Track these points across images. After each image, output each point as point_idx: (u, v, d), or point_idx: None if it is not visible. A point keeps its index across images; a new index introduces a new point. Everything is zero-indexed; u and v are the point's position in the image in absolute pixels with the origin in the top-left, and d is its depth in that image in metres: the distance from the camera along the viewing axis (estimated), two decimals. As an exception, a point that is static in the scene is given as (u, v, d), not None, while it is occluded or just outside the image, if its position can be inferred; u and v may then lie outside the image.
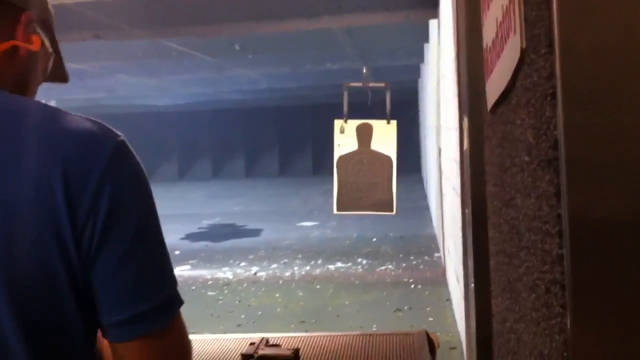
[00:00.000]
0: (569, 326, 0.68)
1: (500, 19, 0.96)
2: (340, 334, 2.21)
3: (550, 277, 0.76)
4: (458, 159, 3.49)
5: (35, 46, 1.03)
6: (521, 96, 0.88)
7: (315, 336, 2.19)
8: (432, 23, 7.36)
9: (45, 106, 0.95)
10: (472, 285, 1.54)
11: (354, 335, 2.19)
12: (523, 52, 0.83)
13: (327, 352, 2.01)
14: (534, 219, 0.84)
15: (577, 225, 0.66)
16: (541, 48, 0.75)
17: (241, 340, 2.09)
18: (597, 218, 0.66)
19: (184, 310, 0.91)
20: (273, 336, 2.19)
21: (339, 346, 2.07)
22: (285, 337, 2.16)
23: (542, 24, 0.74)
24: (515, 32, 0.85)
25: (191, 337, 0.95)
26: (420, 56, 10.47)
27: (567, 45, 0.68)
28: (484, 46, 1.18)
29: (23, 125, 0.89)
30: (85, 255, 0.84)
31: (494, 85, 1.06)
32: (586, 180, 0.66)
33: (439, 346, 2.04)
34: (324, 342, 2.09)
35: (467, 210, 1.61)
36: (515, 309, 1.06)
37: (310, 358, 1.98)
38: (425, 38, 8.65)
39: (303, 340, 2.11)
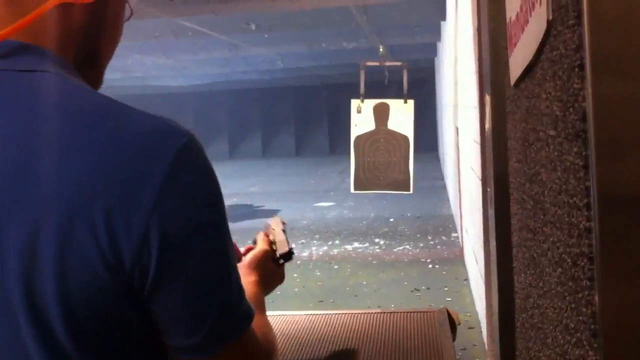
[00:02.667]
0: (596, 298, 0.68)
1: (525, -9, 0.95)
2: (360, 311, 2.22)
3: (577, 250, 0.75)
4: (477, 138, 3.47)
5: None
6: (547, 69, 0.87)
7: (335, 314, 2.19)
8: (449, 0, 7.30)
9: (95, 103, 0.77)
10: (494, 261, 1.54)
11: (374, 313, 2.19)
12: (549, 24, 0.82)
13: (348, 330, 2.02)
14: (559, 192, 0.84)
15: (605, 197, 0.66)
16: (568, 19, 0.75)
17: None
18: (626, 189, 0.65)
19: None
20: (293, 314, 2.20)
21: (360, 324, 2.07)
22: (305, 315, 2.17)
23: (570, -6, 0.73)
24: (540, 4, 0.84)
25: None
26: (437, 34, 10.39)
27: (596, 15, 0.67)
28: (507, 20, 1.17)
29: (57, 132, 0.73)
30: (137, 293, 0.75)
31: (518, 59, 1.05)
32: (615, 152, 0.66)
33: (459, 323, 2.05)
34: (344, 320, 2.09)
35: (489, 189, 1.61)
36: (539, 285, 1.06)
37: (331, 336, 1.98)
38: (442, 16, 8.57)
39: (323, 319, 2.12)
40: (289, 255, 1.31)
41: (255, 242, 1.37)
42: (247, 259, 1.29)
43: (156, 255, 0.73)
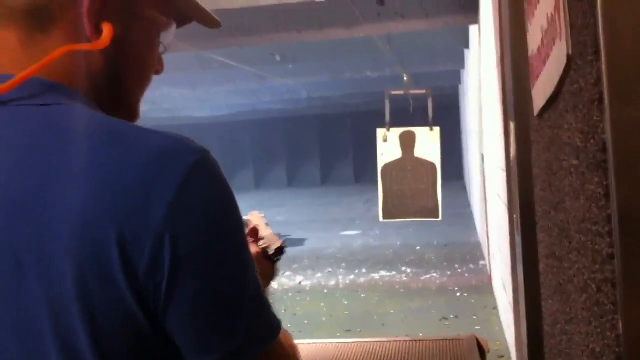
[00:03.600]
0: (620, 323, 0.70)
1: (546, 26, 0.98)
2: (389, 339, 2.22)
3: (601, 276, 0.78)
4: (503, 165, 3.48)
5: (102, 43, 0.80)
6: (568, 101, 0.90)
7: (364, 342, 2.20)
8: (473, 29, 7.35)
9: (100, 128, 0.76)
10: (522, 289, 1.55)
11: (403, 342, 2.20)
12: (570, 59, 0.85)
13: (377, 358, 2.03)
14: (583, 220, 0.86)
15: (626, 224, 0.68)
16: (587, 55, 0.78)
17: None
18: (646, 217, 0.68)
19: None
20: (322, 342, 2.22)
21: (389, 352, 2.08)
22: (334, 344, 2.18)
23: (588, 31, 0.77)
24: (561, 39, 0.87)
25: None
26: (460, 62, 10.44)
27: (613, 51, 0.70)
28: (530, 52, 1.20)
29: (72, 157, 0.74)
30: (152, 308, 0.74)
31: (541, 91, 1.08)
32: (634, 181, 0.69)
33: (488, 351, 2.05)
34: (373, 348, 2.10)
35: (515, 215, 1.63)
36: (566, 311, 1.08)
37: (360, 364, 2.00)
38: (466, 44, 8.63)
39: (353, 347, 2.13)
40: (282, 249, 1.27)
41: None
42: None
43: (167, 274, 0.72)
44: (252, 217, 1.31)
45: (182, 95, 12.02)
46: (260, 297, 0.81)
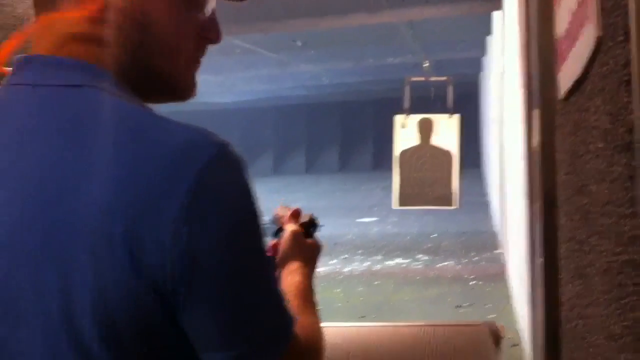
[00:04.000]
0: (643, 303, 0.70)
1: (574, 8, 0.98)
2: (405, 324, 2.23)
3: (624, 258, 0.78)
4: (523, 153, 3.47)
5: (90, 8, 0.78)
6: (596, 83, 0.90)
7: (381, 326, 2.21)
8: (496, 15, 7.29)
9: (121, 122, 0.74)
10: (541, 274, 1.56)
11: (418, 326, 2.20)
12: (599, 40, 0.85)
13: (394, 343, 2.04)
14: (607, 203, 0.86)
15: (652, 206, 0.69)
16: (617, 36, 0.78)
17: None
18: (672, 199, 0.68)
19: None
20: (339, 325, 2.23)
21: (405, 336, 2.09)
22: (350, 328, 2.20)
23: (619, 12, 0.77)
24: (590, 20, 0.87)
25: None
26: (482, 49, 10.37)
27: (644, 32, 0.70)
28: (556, 36, 1.20)
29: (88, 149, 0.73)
30: (169, 302, 0.73)
31: (567, 74, 1.08)
32: (662, 163, 0.69)
33: (503, 337, 2.05)
34: (389, 332, 2.11)
35: (535, 203, 1.63)
36: (585, 295, 1.08)
37: (376, 347, 2.00)
38: (488, 31, 8.56)
39: (369, 331, 2.14)
40: (313, 221, 1.24)
41: (276, 235, 1.26)
42: (281, 252, 1.21)
43: (183, 271, 0.71)
44: (280, 210, 1.30)
45: (204, 81, 11.90)
46: (277, 296, 0.80)
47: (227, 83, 13.05)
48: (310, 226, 1.25)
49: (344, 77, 13.49)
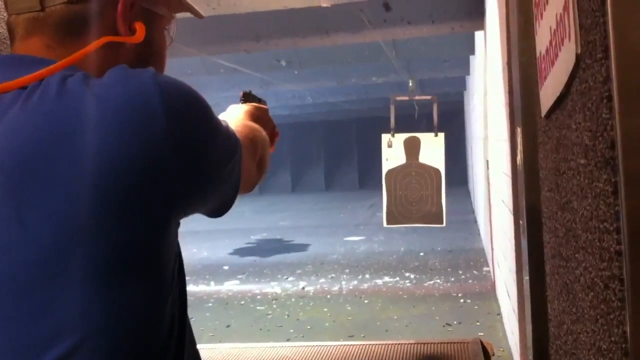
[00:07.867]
0: (627, 318, 0.70)
1: (554, 27, 0.99)
2: (394, 342, 2.22)
3: (608, 273, 0.78)
4: (508, 170, 3.49)
5: (137, 37, 0.92)
6: (577, 101, 0.91)
7: (369, 344, 2.21)
8: (478, 35, 7.36)
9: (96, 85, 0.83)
10: (528, 290, 1.56)
11: (408, 344, 2.20)
12: (578, 58, 0.86)
13: (381, 360, 2.03)
14: (590, 219, 0.87)
15: (634, 220, 0.69)
16: (597, 53, 0.79)
17: (293, 348, 2.13)
18: (654, 214, 0.69)
19: (234, 324, 0.95)
20: (327, 344, 2.22)
21: (394, 355, 2.08)
22: (339, 346, 2.19)
23: (597, 30, 0.78)
24: (570, 38, 0.88)
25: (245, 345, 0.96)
26: (466, 68, 10.46)
27: (622, 49, 0.71)
28: (537, 54, 1.21)
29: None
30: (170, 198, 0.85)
31: (548, 92, 1.09)
32: (643, 178, 0.69)
33: (493, 354, 2.05)
34: (378, 351, 2.11)
35: (521, 220, 1.63)
36: (572, 311, 1.08)
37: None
38: (471, 50, 8.64)
39: (358, 349, 2.13)
40: (251, 94, 1.49)
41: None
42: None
43: (177, 159, 0.82)
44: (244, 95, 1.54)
45: (187, 100, 12.03)
46: (228, 135, 0.96)
47: (211, 102, 13.00)
48: (249, 96, 1.51)
49: (328, 97, 13.54)
